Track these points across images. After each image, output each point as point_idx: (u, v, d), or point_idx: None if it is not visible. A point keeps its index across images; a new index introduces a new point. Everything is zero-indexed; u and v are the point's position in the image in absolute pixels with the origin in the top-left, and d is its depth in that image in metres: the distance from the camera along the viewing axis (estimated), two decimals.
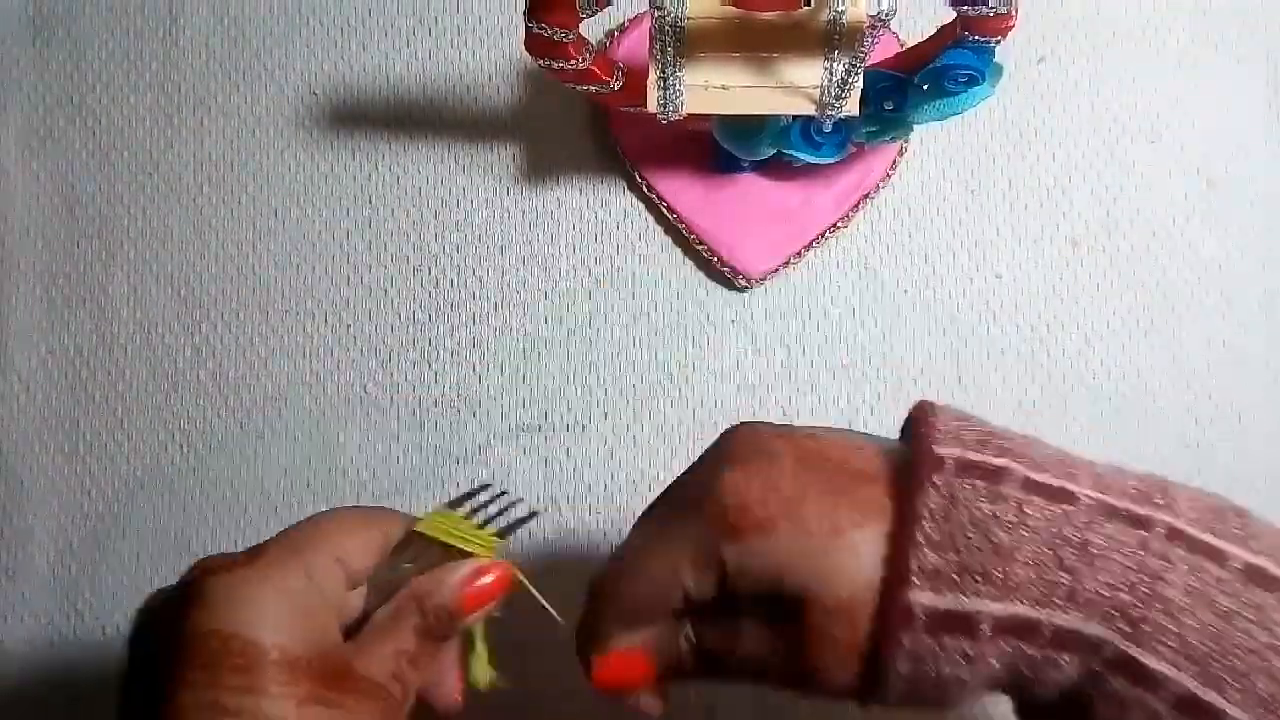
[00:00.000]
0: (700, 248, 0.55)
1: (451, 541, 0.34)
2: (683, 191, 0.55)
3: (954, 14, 0.42)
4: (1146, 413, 0.55)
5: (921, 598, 0.27)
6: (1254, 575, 0.27)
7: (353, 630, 0.33)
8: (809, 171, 0.54)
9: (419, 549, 0.34)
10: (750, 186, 0.55)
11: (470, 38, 0.58)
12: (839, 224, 0.55)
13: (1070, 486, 0.28)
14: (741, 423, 0.32)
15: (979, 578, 0.27)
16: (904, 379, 0.56)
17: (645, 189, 0.56)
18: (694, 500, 0.30)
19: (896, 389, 0.56)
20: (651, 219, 0.57)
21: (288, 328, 0.58)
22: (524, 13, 0.42)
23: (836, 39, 0.43)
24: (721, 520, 0.29)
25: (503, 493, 0.37)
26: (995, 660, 0.28)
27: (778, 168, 0.54)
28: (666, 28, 0.43)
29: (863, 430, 0.53)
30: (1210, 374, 0.56)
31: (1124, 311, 0.56)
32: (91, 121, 0.59)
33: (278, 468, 0.57)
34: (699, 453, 0.33)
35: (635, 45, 0.54)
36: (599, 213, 0.57)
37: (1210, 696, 0.26)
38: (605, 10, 0.42)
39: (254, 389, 0.57)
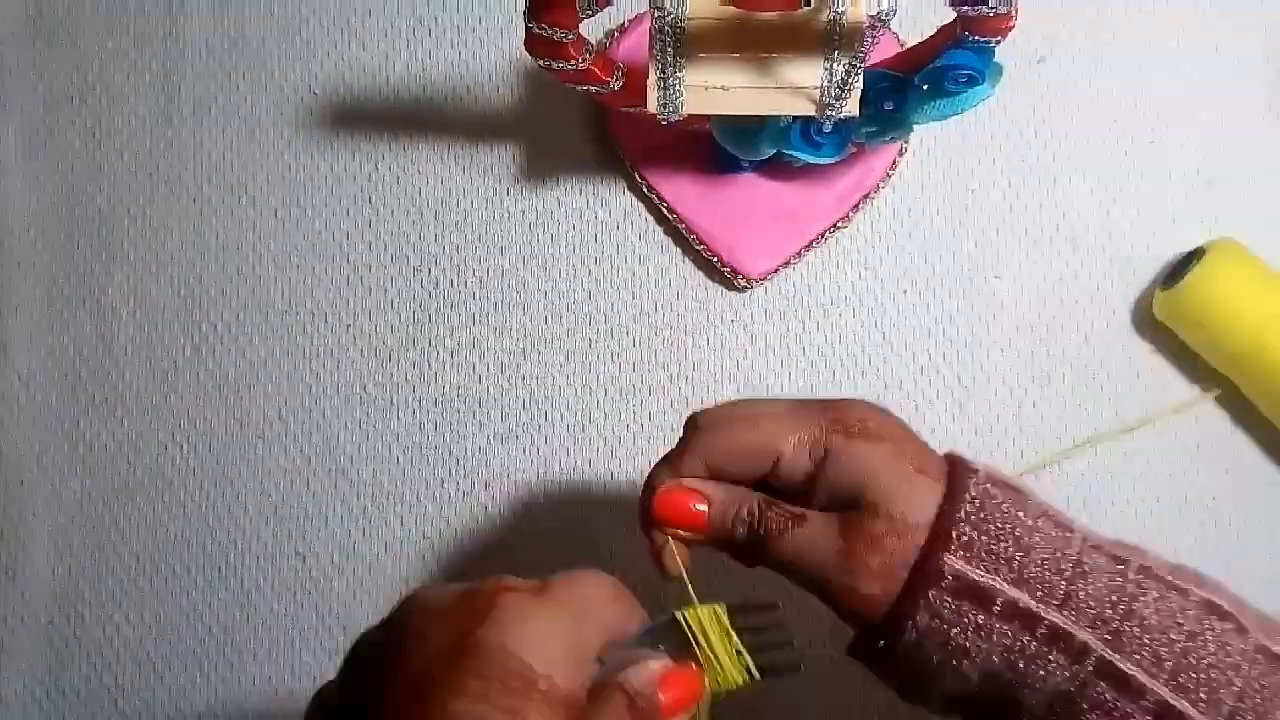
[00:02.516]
0: (700, 248, 0.55)
1: (703, 647, 0.32)
2: (683, 191, 0.55)
3: (954, 14, 0.42)
4: (1148, 414, 0.55)
5: (954, 562, 0.32)
6: (1211, 607, 0.32)
7: None
8: (809, 171, 0.54)
9: (670, 635, 0.32)
10: (750, 186, 0.55)
11: (470, 38, 0.58)
12: (839, 224, 0.55)
13: (1071, 525, 0.34)
14: None
15: (1001, 561, 0.32)
16: (904, 379, 0.56)
17: (645, 189, 0.56)
18: (823, 403, 0.35)
19: (897, 389, 0.56)
20: (651, 219, 0.57)
21: (287, 327, 0.58)
22: (524, 13, 0.42)
23: (836, 39, 0.43)
24: (842, 420, 0.34)
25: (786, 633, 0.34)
26: (998, 642, 0.31)
27: (778, 168, 0.54)
28: (666, 28, 0.43)
29: None
30: (1210, 373, 0.56)
31: (1124, 312, 0.56)
32: (91, 122, 0.59)
33: (278, 468, 0.57)
34: None
35: (635, 45, 0.54)
36: (599, 213, 0.57)
37: (1182, 705, 0.30)
38: (605, 10, 0.42)
39: (254, 389, 0.57)
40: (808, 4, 0.41)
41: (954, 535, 0.32)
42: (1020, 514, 0.33)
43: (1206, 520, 0.55)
